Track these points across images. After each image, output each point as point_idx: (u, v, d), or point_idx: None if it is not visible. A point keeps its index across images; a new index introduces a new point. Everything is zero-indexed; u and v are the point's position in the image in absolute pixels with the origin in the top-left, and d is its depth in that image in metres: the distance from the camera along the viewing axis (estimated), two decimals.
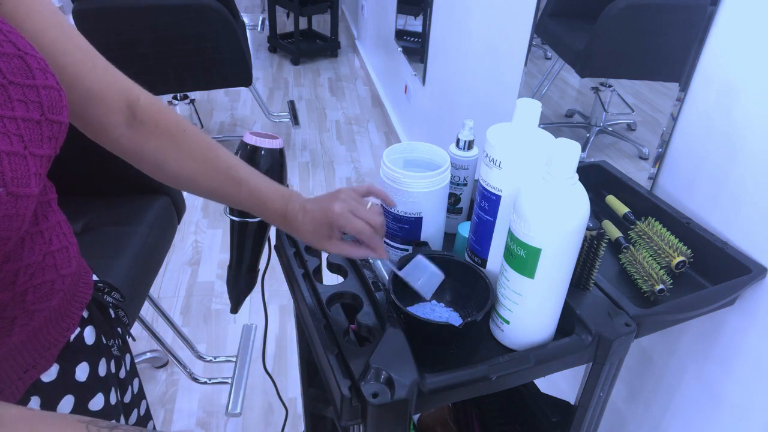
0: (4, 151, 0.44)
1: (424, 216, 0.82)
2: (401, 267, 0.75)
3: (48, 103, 0.50)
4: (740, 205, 0.85)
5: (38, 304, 0.56)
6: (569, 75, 1.42)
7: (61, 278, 0.59)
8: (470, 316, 0.75)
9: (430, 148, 0.87)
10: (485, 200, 0.75)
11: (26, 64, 0.48)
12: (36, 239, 0.55)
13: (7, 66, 0.47)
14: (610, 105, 1.27)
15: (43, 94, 0.49)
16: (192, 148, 0.69)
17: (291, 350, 1.92)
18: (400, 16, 2.90)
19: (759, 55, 0.80)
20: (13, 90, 0.47)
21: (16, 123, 0.46)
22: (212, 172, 0.70)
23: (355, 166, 3.01)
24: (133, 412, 0.80)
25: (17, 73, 0.47)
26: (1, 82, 0.46)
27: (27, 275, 0.54)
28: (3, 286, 0.51)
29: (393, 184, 0.80)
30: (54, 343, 0.60)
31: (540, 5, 1.40)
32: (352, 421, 0.64)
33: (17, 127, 0.46)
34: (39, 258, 0.55)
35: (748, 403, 0.89)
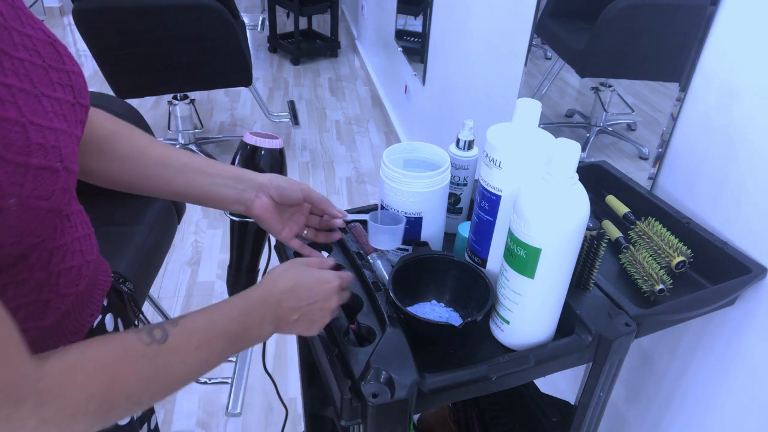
0: (58, 129, 0.47)
1: (424, 216, 0.82)
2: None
3: (78, 87, 0.53)
4: (740, 205, 0.85)
5: (68, 288, 0.58)
6: (569, 75, 1.42)
7: (87, 264, 0.61)
8: (470, 316, 0.75)
9: (430, 148, 0.87)
10: (485, 200, 0.75)
11: (56, 50, 0.52)
12: (65, 223, 0.57)
13: (44, 51, 0.50)
14: (610, 105, 1.27)
15: (74, 79, 0.53)
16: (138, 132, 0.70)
17: (291, 350, 1.92)
18: (400, 16, 2.90)
19: (759, 55, 0.80)
20: (52, 73, 0.50)
21: (59, 104, 0.49)
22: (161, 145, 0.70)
23: (355, 166, 3.01)
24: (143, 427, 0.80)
25: (52, 57, 0.51)
26: (43, 65, 0.49)
27: (59, 256, 0.56)
28: (39, 264, 0.53)
29: (393, 183, 0.80)
30: (80, 328, 0.62)
31: (540, 5, 1.40)
32: (352, 421, 0.64)
33: (61, 108, 0.49)
34: (68, 241, 0.57)
35: (748, 403, 0.89)
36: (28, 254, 0.51)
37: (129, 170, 0.69)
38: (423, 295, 0.80)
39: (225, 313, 0.57)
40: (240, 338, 0.57)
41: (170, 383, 0.52)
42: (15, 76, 0.45)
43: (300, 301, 0.62)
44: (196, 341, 0.53)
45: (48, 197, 0.46)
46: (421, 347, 0.69)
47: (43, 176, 0.45)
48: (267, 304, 0.60)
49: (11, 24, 0.48)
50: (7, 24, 0.47)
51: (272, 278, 0.63)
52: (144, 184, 0.70)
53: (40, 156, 0.45)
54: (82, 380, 0.44)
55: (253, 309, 0.59)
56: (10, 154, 0.42)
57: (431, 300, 0.80)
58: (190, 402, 1.73)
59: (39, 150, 0.45)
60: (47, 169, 0.45)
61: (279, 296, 0.61)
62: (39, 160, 0.45)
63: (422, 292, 0.80)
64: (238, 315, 0.57)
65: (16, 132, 0.43)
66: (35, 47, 0.49)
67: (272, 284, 0.62)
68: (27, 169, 0.44)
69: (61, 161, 0.47)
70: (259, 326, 0.59)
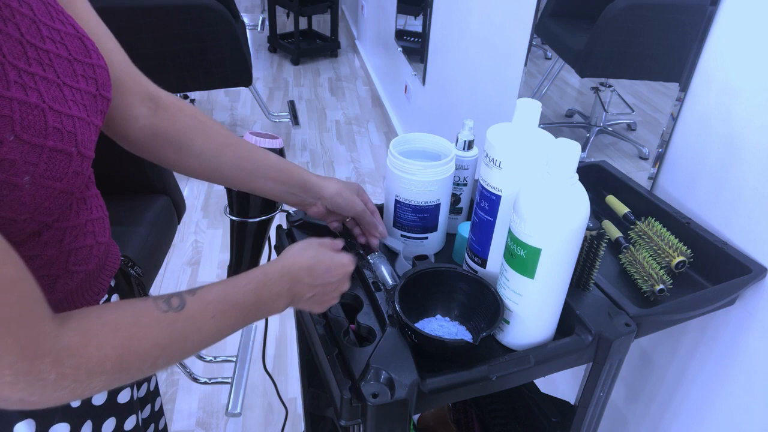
0: (77, 116, 0.50)
1: (441, 202, 0.85)
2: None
3: (101, 80, 0.56)
4: (740, 204, 0.85)
5: (78, 265, 0.60)
6: (569, 75, 1.42)
7: (98, 245, 0.63)
8: (478, 328, 0.75)
9: (427, 138, 0.90)
10: (485, 200, 0.75)
11: (84, 45, 0.55)
12: (81, 205, 0.60)
13: (72, 44, 0.53)
14: (610, 105, 1.27)
15: (98, 72, 0.56)
16: (217, 128, 0.74)
17: (291, 350, 1.92)
18: (400, 16, 2.90)
19: (759, 55, 0.80)
20: (77, 66, 0.53)
21: (81, 94, 0.52)
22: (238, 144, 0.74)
23: (355, 166, 3.01)
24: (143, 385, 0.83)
25: (78, 51, 0.54)
26: (68, 58, 0.52)
27: (72, 236, 0.58)
28: (53, 242, 0.56)
29: (411, 176, 0.82)
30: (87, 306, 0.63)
31: (540, 5, 1.40)
32: (352, 421, 0.64)
33: (82, 98, 0.52)
34: (83, 222, 0.60)
35: (748, 403, 0.89)
36: (41, 231, 0.54)
37: (207, 167, 0.74)
38: (428, 311, 0.78)
39: (241, 286, 0.59)
40: (254, 310, 0.60)
41: (185, 349, 0.54)
42: (39, 66, 0.49)
43: (316, 280, 0.64)
44: (212, 310, 0.55)
45: (61, 178, 0.49)
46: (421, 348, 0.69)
47: (57, 158, 0.48)
48: (284, 280, 0.62)
49: (40, 18, 0.51)
50: (36, 18, 0.50)
51: (292, 255, 0.65)
52: (221, 181, 0.76)
53: (55, 139, 0.48)
54: (99, 342, 0.47)
55: (270, 283, 0.61)
56: (27, 135, 0.45)
57: (436, 315, 0.78)
58: (190, 402, 1.73)
59: (55, 134, 0.48)
60: (61, 152, 0.48)
61: (297, 273, 0.63)
62: (54, 143, 0.47)
63: (427, 307, 0.78)
64: (255, 287, 0.59)
65: (35, 116, 0.46)
66: (63, 41, 0.53)
67: (292, 261, 0.64)
68: (42, 150, 0.46)
69: (76, 146, 0.50)
70: (274, 300, 0.61)
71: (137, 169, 1.47)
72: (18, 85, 0.45)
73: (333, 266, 0.66)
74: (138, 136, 0.69)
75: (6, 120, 0.44)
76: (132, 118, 0.68)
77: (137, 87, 0.68)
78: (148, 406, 0.83)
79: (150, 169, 1.49)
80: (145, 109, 0.69)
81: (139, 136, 0.69)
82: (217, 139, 0.73)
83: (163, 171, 1.52)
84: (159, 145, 0.71)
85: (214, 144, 0.72)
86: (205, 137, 0.72)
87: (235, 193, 0.84)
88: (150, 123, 0.69)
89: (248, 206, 0.85)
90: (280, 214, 0.88)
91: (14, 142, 0.44)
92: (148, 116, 0.69)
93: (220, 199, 2.68)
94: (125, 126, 0.68)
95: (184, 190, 2.70)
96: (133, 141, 0.70)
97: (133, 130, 0.69)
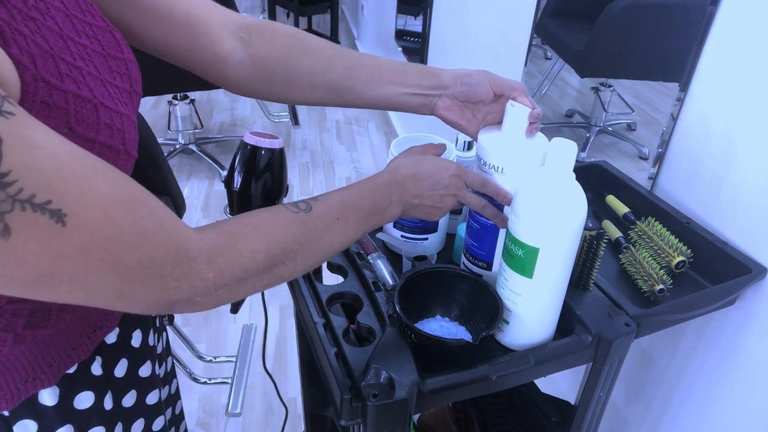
0: (123, 113, 0.50)
1: None
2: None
3: (134, 76, 0.55)
4: (740, 204, 0.85)
5: None
6: (569, 75, 1.42)
7: None
8: (477, 328, 0.75)
9: (430, 138, 0.91)
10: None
11: (115, 39, 0.53)
12: None
13: (104, 39, 0.52)
14: (610, 105, 1.27)
15: (131, 67, 0.54)
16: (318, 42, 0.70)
17: (291, 350, 1.92)
18: (400, 16, 2.90)
19: (759, 55, 0.80)
20: (111, 61, 0.52)
21: (119, 91, 0.51)
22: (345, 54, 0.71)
23: (355, 166, 3.01)
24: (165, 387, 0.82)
25: (111, 46, 0.53)
26: (103, 54, 0.51)
27: None
28: None
29: None
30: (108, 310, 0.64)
31: (540, 5, 1.40)
32: (352, 421, 0.64)
33: (120, 95, 0.51)
34: None
35: (748, 403, 0.89)
36: None
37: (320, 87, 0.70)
38: (427, 311, 0.78)
39: (356, 192, 0.61)
40: (372, 214, 0.62)
41: (320, 248, 0.56)
42: (82, 60, 0.48)
43: (422, 186, 0.65)
44: (336, 212, 0.58)
45: None
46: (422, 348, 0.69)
47: (106, 154, 0.48)
48: (392, 187, 0.64)
49: (72, 12, 0.50)
50: (69, 12, 0.49)
51: (394, 165, 0.67)
52: (337, 99, 0.72)
53: (106, 135, 0.47)
54: (246, 239, 0.49)
55: (380, 189, 0.63)
56: (80, 128, 0.45)
57: (436, 315, 0.78)
58: (190, 402, 1.73)
59: (106, 129, 0.47)
60: (110, 148, 0.48)
61: (402, 180, 0.65)
62: (105, 138, 0.47)
63: (426, 308, 0.78)
64: (369, 194, 0.62)
65: (88, 110, 0.46)
66: (95, 35, 0.51)
67: (395, 170, 0.66)
68: (93, 144, 0.46)
69: (124, 144, 0.50)
70: (387, 206, 0.63)
71: (137, 169, 1.47)
72: (70, 78, 0.44)
73: (437, 170, 0.66)
74: (240, 73, 0.67)
75: (61, 112, 0.43)
76: (226, 54, 0.66)
77: (220, 20, 0.65)
78: (166, 387, 0.83)
79: (150, 169, 1.49)
80: (236, 41, 0.66)
81: (242, 73, 0.67)
82: (324, 53, 0.69)
83: (163, 171, 1.52)
84: (265, 77, 0.68)
85: (321, 59, 0.69)
86: (310, 54, 0.68)
87: (235, 192, 0.84)
88: (247, 54, 0.66)
89: (249, 206, 0.84)
90: None
91: (68, 135, 0.43)
92: (242, 48, 0.66)
93: (220, 199, 2.68)
94: (223, 66, 0.66)
95: (184, 190, 2.70)
96: (236, 80, 0.68)
97: (232, 68, 0.66)
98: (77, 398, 0.60)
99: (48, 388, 0.57)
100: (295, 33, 0.70)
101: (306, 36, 0.70)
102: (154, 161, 1.49)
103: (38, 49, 0.42)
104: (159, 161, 1.50)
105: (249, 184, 0.82)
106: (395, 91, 0.71)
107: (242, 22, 0.67)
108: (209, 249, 0.46)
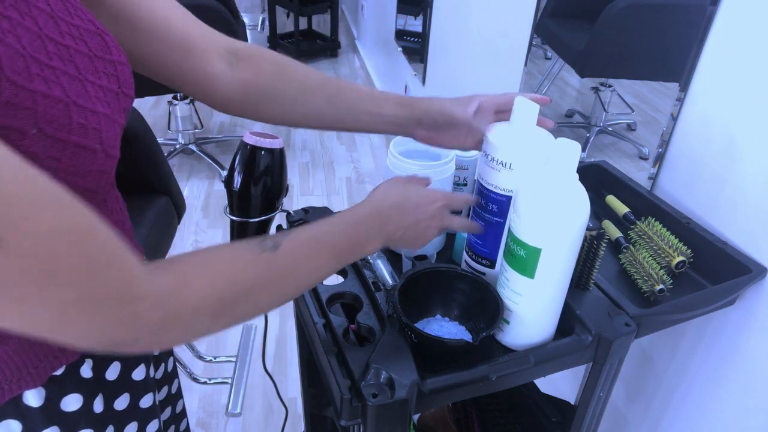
0: (101, 112, 0.49)
1: None
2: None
3: (123, 78, 0.55)
4: (740, 204, 0.85)
5: None
6: (569, 75, 1.42)
7: None
8: (478, 328, 0.75)
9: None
10: (493, 203, 0.74)
11: (104, 41, 0.54)
12: (101, 207, 0.59)
13: (91, 41, 0.52)
14: (610, 105, 1.27)
15: (120, 69, 0.54)
16: (303, 70, 0.71)
17: (291, 350, 1.92)
18: (400, 16, 2.90)
19: (759, 55, 0.80)
20: (97, 62, 0.52)
21: (103, 91, 0.51)
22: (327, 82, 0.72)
23: (355, 166, 3.01)
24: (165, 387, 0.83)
25: (99, 47, 0.53)
26: (89, 54, 0.51)
27: None
28: None
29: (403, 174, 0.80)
30: None
31: (540, 5, 1.40)
32: (352, 421, 0.64)
33: (105, 95, 0.51)
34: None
35: (748, 403, 0.89)
36: None
37: (302, 114, 0.72)
38: (428, 311, 0.78)
39: (333, 227, 0.59)
40: (349, 251, 0.60)
41: (285, 289, 0.55)
42: (60, 61, 0.47)
43: (407, 218, 0.64)
44: (306, 250, 0.55)
45: (84, 175, 0.48)
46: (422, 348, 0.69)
47: (81, 154, 0.47)
48: (374, 220, 0.62)
49: (57, 13, 0.50)
50: (54, 13, 0.49)
51: (379, 194, 0.65)
52: (318, 122, 0.73)
53: (80, 135, 0.46)
54: (196, 282, 0.47)
55: (360, 223, 0.61)
56: (50, 129, 0.44)
57: (436, 315, 0.78)
58: (190, 402, 1.73)
59: (80, 129, 0.47)
60: (85, 148, 0.47)
61: (387, 212, 0.63)
62: (78, 139, 0.46)
63: (426, 308, 0.78)
64: (346, 229, 0.59)
65: (58, 110, 0.45)
66: (82, 37, 0.52)
67: (380, 200, 0.63)
68: (66, 145, 0.45)
69: (101, 143, 0.49)
70: (367, 241, 0.61)
71: (137, 169, 1.47)
72: (40, 78, 0.44)
73: (422, 202, 0.65)
74: (228, 95, 0.68)
75: (29, 113, 0.42)
76: (214, 77, 0.66)
77: (211, 44, 0.66)
78: (165, 388, 0.83)
79: (150, 169, 1.49)
80: (225, 65, 0.67)
81: (230, 95, 0.68)
82: (307, 81, 0.71)
83: (163, 171, 1.52)
84: (252, 101, 0.69)
85: (304, 87, 0.70)
86: (293, 81, 0.70)
87: (235, 192, 0.84)
88: (235, 78, 0.67)
89: (248, 206, 0.85)
90: (280, 214, 0.88)
91: (37, 136, 0.43)
92: (230, 71, 0.67)
93: (220, 199, 2.68)
94: (213, 87, 0.67)
95: (184, 190, 2.70)
96: (224, 101, 0.68)
97: (221, 90, 0.67)
98: (64, 400, 0.60)
99: (33, 389, 0.57)
100: (281, 60, 0.71)
101: (290, 63, 0.72)
102: (154, 161, 1.49)
103: (6, 49, 0.42)
104: (159, 161, 1.50)
105: (249, 184, 0.82)
106: (371, 120, 0.73)
107: (231, 46, 0.68)
108: (158, 290, 0.44)
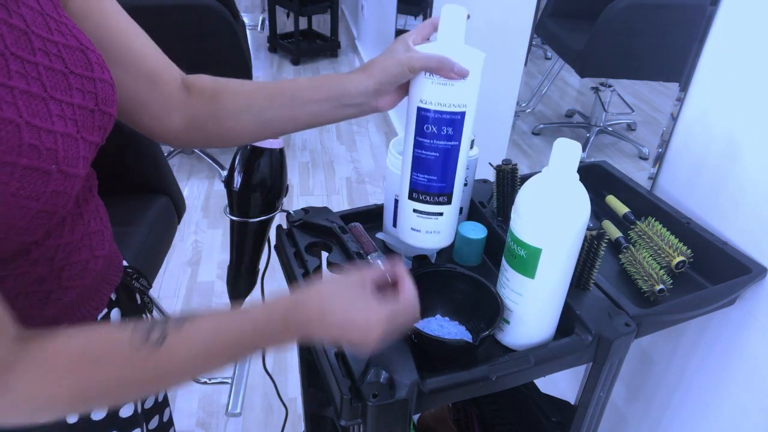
0: (59, 132, 0.48)
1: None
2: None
3: (102, 95, 0.54)
4: (740, 204, 0.85)
5: (72, 281, 0.58)
6: (569, 75, 1.42)
7: (95, 259, 0.61)
8: (478, 328, 0.75)
9: None
10: (447, 125, 0.69)
11: (87, 58, 0.53)
12: (77, 220, 0.58)
13: (70, 57, 0.51)
14: (610, 105, 1.27)
15: (99, 87, 0.54)
16: (239, 82, 0.68)
17: (291, 350, 1.92)
18: (400, 16, 2.90)
19: (759, 54, 0.80)
20: (73, 79, 0.51)
21: (72, 109, 0.50)
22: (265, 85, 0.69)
23: (355, 166, 3.01)
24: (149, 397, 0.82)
25: (78, 64, 0.52)
26: (63, 71, 0.50)
27: (65, 252, 0.56)
28: (43, 260, 0.54)
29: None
30: (83, 321, 0.62)
31: (540, 5, 1.40)
32: (352, 421, 0.64)
33: (73, 113, 0.50)
34: (78, 237, 0.58)
35: (748, 403, 0.89)
36: (29, 249, 0.52)
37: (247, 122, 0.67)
38: (428, 311, 0.77)
39: (237, 325, 0.52)
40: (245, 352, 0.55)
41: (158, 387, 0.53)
42: (22, 79, 0.46)
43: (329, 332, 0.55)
44: (196, 350, 0.51)
45: (37, 198, 0.46)
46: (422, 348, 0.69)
47: (32, 177, 0.45)
48: (289, 329, 0.54)
49: (33, 29, 0.49)
50: (28, 29, 0.48)
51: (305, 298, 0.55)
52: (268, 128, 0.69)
53: (30, 157, 0.45)
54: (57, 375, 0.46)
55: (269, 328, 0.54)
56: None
57: (436, 315, 0.78)
58: (190, 402, 1.73)
59: (31, 151, 0.45)
60: (37, 170, 0.46)
61: (305, 321, 0.54)
62: (29, 161, 0.45)
63: (426, 308, 0.77)
64: (251, 331, 0.53)
65: (8, 131, 0.44)
66: (60, 53, 0.51)
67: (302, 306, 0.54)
68: (14, 168, 0.44)
69: (57, 164, 0.47)
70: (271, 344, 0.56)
71: (137, 169, 1.47)
72: None
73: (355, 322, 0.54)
74: (181, 127, 0.67)
75: None
76: (174, 109, 0.66)
77: (174, 77, 0.67)
78: (155, 417, 0.82)
79: (150, 169, 1.49)
80: (183, 95, 0.67)
81: (182, 126, 0.67)
82: (243, 90, 0.68)
83: (163, 171, 1.52)
84: (200, 125, 0.67)
85: (241, 97, 0.68)
86: (230, 95, 0.68)
87: (235, 192, 0.84)
88: (190, 111, 0.67)
89: (248, 206, 0.85)
90: (280, 214, 0.88)
91: None
92: (186, 104, 0.67)
93: (220, 199, 2.68)
94: (168, 120, 0.66)
95: (184, 190, 2.70)
96: (176, 134, 0.67)
97: (177, 122, 0.66)
98: None
99: None
100: (218, 80, 0.69)
101: (227, 81, 0.69)
102: (154, 161, 1.49)
103: None
104: (159, 161, 1.50)
105: (249, 184, 0.82)
106: (321, 108, 0.67)
107: (185, 80, 0.68)
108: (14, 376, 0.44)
